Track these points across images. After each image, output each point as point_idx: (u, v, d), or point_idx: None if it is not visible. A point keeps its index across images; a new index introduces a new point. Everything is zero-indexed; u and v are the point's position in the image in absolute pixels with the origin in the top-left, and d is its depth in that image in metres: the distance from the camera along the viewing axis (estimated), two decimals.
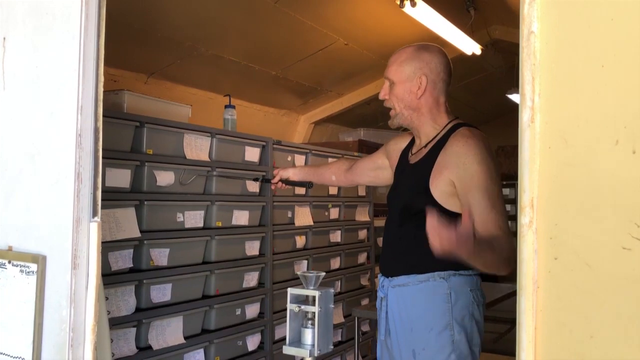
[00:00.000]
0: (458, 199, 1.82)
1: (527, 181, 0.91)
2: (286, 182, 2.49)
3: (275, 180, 2.49)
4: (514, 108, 5.46)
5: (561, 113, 0.89)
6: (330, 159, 3.88)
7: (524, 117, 0.91)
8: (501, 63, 4.99)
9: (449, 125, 1.94)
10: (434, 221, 1.52)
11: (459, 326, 1.81)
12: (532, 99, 0.90)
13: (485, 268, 1.73)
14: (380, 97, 1.99)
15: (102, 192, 2.45)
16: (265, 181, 2.80)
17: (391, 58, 2.01)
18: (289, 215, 3.46)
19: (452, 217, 1.82)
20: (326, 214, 3.83)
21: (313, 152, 3.70)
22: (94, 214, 1.40)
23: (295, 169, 2.54)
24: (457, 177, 1.80)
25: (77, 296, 1.35)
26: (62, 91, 1.39)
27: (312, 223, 3.61)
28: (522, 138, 0.92)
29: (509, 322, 4.21)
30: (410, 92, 1.93)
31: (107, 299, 2.31)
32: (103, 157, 2.39)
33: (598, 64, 0.86)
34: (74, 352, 1.33)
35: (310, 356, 1.60)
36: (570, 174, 0.88)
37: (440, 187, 1.83)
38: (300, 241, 3.54)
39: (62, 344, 1.33)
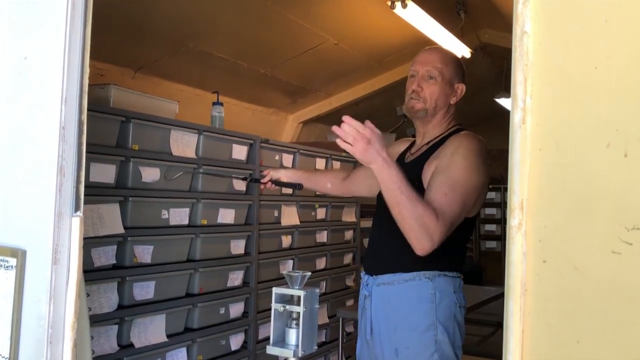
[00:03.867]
0: None
1: (517, 183, 0.90)
2: (276, 182, 2.46)
3: (265, 180, 2.46)
4: (502, 112, 5.49)
5: (553, 114, 0.88)
6: (318, 159, 3.87)
7: (515, 118, 0.90)
8: (490, 67, 5.01)
9: (452, 129, 1.99)
10: (352, 120, 1.58)
11: (442, 326, 1.82)
12: (523, 99, 0.89)
13: (396, 212, 1.67)
14: (414, 87, 1.95)
15: (86, 187, 2.41)
16: (254, 181, 2.77)
17: (430, 54, 1.99)
18: (276, 214, 3.44)
19: None
20: (313, 214, 3.81)
21: (301, 151, 3.68)
22: (76, 208, 1.37)
23: (287, 170, 2.50)
24: (438, 164, 1.81)
25: (57, 292, 1.32)
26: (46, 82, 1.36)
27: (298, 223, 3.60)
28: (513, 139, 0.91)
29: (493, 325, 4.24)
30: (446, 95, 1.96)
31: (88, 295, 2.27)
32: (88, 152, 2.35)
33: (591, 65, 0.85)
34: (53, 348, 1.30)
35: (294, 356, 1.59)
36: (561, 177, 0.87)
37: (428, 177, 1.84)
38: (286, 241, 3.52)
39: (41, 340, 1.30)
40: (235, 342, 3.09)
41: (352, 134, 1.59)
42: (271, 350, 1.61)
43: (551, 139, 0.88)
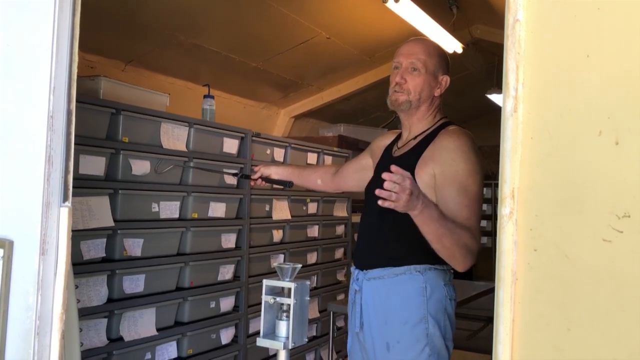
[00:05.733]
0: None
1: (508, 172, 0.90)
2: (266, 179, 2.45)
3: (256, 176, 2.45)
4: (493, 108, 5.50)
5: (545, 103, 0.88)
6: (309, 154, 3.86)
7: (507, 106, 0.89)
8: (481, 63, 5.02)
9: (440, 122, 1.98)
10: (400, 169, 1.56)
11: (433, 320, 1.82)
12: (515, 88, 0.88)
13: (438, 243, 1.70)
14: (398, 80, 1.94)
15: (76, 179, 2.38)
16: (244, 177, 2.76)
17: (414, 45, 1.97)
18: (267, 208, 3.43)
19: None
20: (304, 208, 3.81)
21: (292, 145, 3.67)
22: (65, 198, 1.36)
23: (278, 167, 2.48)
24: (440, 170, 1.81)
25: (44, 283, 1.31)
26: (34, 71, 1.34)
27: (289, 217, 3.59)
28: (504, 128, 0.91)
29: (483, 320, 4.25)
30: (430, 87, 1.94)
31: (76, 287, 2.25)
32: (77, 144, 2.32)
33: (583, 53, 0.85)
34: (40, 340, 1.29)
35: (284, 349, 1.58)
36: (552, 165, 0.87)
37: (424, 179, 1.83)
38: (277, 235, 3.52)
39: (28, 331, 1.29)
40: (226, 336, 3.08)
41: (395, 190, 1.56)
42: (261, 342, 1.61)
43: (543, 127, 0.87)
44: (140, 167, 2.60)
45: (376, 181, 2.07)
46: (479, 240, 1.75)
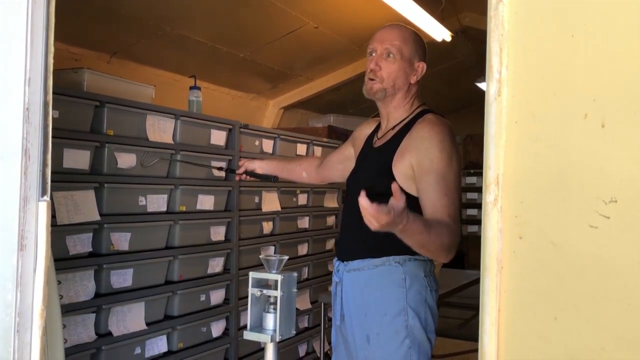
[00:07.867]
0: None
1: (492, 157, 0.87)
2: (251, 174, 2.43)
3: (240, 171, 2.44)
4: (483, 97, 5.47)
5: (529, 86, 0.85)
6: (299, 145, 3.83)
7: (491, 90, 0.87)
8: (471, 51, 4.99)
9: (417, 110, 1.94)
10: (366, 200, 1.48)
11: (413, 311, 1.80)
12: (499, 71, 0.86)
13: (420, 249, 1.69)
14: (372, 66, 1.90)
15: (60, 173, 2.34)
16: (229, 171, 2.75)
17: (389, 31, 1.93)
18: (256, 200, 3.40)
19: (413, 200, 1.81)
20: (294, 199, 3.78)
21: (282, 137, 3.64)
22: (43, 192, 1.32)
23: (262, 161, 2.47)
24: (416, 160, 1.79)
25: (23, 279, 1.28)
26: (7, 62, 1.31)
27: (279, 209, 3.56)
28: (488, 112, 0.88)
29: (475, 309, 4.26)
30: (405, 74, 1.91)
31: (59, 283, 2.22)
32: (61, 137, 2.28)
33: (568, 34, 0.83)
34: (20, 337, 1.26)
35: (271, 341, 1.56)
36: (538, 150, 0.85)
37: (401, 169, 1.82)
38: (267, 227, 3.49)
39: (7, 329, 1.26)
40: (217, 329, 3.06)
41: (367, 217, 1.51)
42: (248, 335, 1.59)
43: (527, 111, 0.85)
44: (126, 160, 2.56)
45: (357, 172, 2.05)
46: (458, 230, 1.74)
